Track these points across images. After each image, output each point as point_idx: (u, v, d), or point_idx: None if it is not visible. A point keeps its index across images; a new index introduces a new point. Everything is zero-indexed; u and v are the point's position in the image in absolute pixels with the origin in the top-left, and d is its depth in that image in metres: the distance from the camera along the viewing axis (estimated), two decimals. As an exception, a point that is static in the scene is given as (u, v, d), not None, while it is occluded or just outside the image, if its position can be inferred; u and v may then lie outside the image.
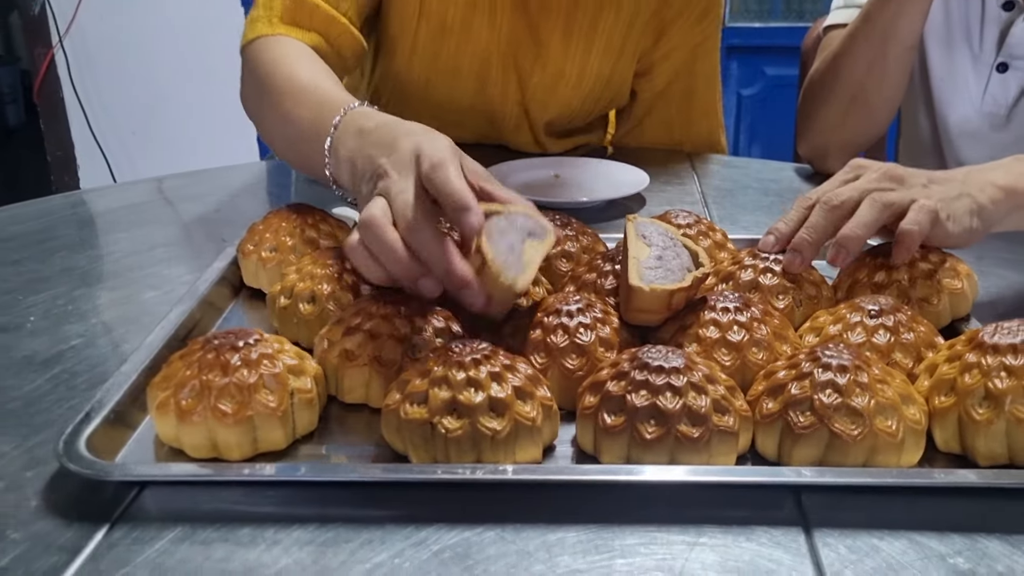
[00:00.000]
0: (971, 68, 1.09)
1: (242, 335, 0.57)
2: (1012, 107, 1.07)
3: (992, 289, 0.80)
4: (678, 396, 0.52)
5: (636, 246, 0.64)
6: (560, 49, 1.14)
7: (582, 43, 1.14)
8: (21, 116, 4.87)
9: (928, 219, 0.67)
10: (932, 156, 1.17)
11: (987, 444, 0.52)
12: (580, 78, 1.16)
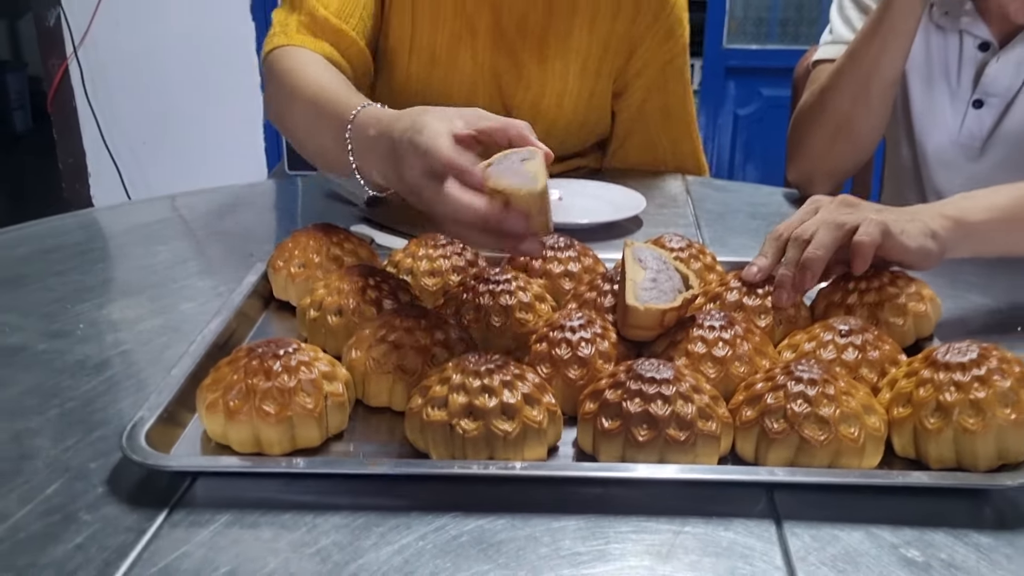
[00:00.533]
0: (949, 103, 1.16)
1: (282, 344, 0.64)
2: (986, 140, 1.15)
3: (960, 311, 0.87)
4: (668, 404, 0.59)
5: (633, 269, 0.72)
6: (538, 72, 1.23)
7: (558, 64, 1.24)
8: (28, 122, 4.94)
9: (878, 230, 0.74)
10: (913, 183, 1.25)
11: (937, 450, 0.59)
12: (561, 98, 1.24)
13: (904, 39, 1.06)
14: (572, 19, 1.24)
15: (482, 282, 0.76)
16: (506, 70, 1.24)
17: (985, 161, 1.15)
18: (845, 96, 1.11)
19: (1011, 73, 1.10)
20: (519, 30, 1.23)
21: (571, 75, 1.25)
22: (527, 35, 1.23)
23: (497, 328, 0.74)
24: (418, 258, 0.84)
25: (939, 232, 0.79)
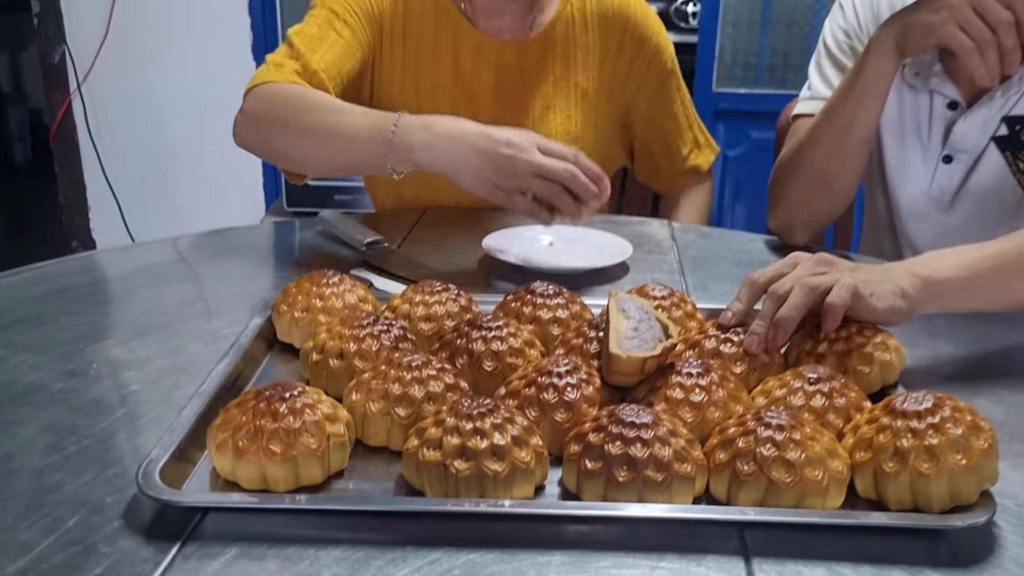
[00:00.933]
0: (920, 158, 1.22)
1: (288, 387, 0.69)
2: (956, 193, 1.21)
3: (930, 359, 0.92)
4: (646, 447, 0.64)
5: (616, 318, 0.77)
6: (542, 124, 1.33)
7: (559, 116, 1.34)
8: (28, 154, 5.00)
9: (849, 293, 0.79)
10: (888, 232, 1.31)
11: (895, 492, 0.64)
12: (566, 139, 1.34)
13: (877, 98, 1.13)
14: (567, 70, 1.34)
15: (475, 328, 0.81)
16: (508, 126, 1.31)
17: (955, 214, 1.21)
18: (822, 151, 1.17)
19: (978, 131, 1.16)
20: (517, 89, 1.32)
21: (574, 122, 1.34)
22: (524, 92, 1.31)
23: (489, 372, 0.78)
24: (415, 304, 0.89)
25: (908, 291, 0.84)
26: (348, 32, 1.27)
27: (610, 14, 1.37)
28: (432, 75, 1.35)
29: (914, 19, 1.06)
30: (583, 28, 1.37)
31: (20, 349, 0.89)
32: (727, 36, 2.73)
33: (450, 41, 1.34)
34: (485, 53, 1.34)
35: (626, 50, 1.38)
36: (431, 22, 1.34)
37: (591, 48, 1.37)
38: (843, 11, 1.27)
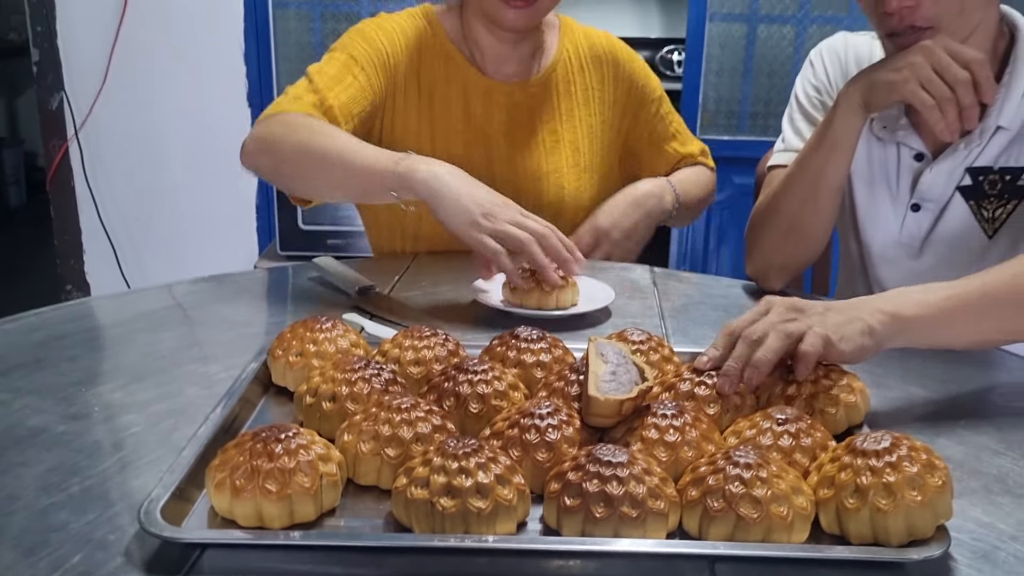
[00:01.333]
0: (890, 206, 1.28)
1: (283, 429, 0.72)
2: (924, 240, 1.26)
3: (898, 400, 0.96)
4: (622, 484, 0.68)
5: (595, 363, 0.81)
6: (552, 159, 1.45)
7: (568, 150, 1.47)
8: (22, 197, 5.05)
9: (821, 342, 0.84)
10: (861, 276, 1.36)
11: (856, 527, 0.68)
12: (578, 178, 1.47)
13: (847, 151, 1.18)
14: (571, 107, 1.47)
15: (462, 371, 0.85)
16: (520, 164, 1.43)
17: (925, 259, 1.26)
18: (795, 200, 1.23)
19: (943, 181, 1.22)
20: (527, 126, 1.44)
21: (582, 153, 1.47)
22: (534, 128, 1.44)
23: (475, 414, 0.82)
24: (404, 348, 0.93)
25: (876, 327, 0.88)
26: (364, 77, 1.35)
27: (601, 54, 1.51)
28: (446, 119, 1.43)
29: (879, 77, 1.12)
30: (580, 69, 1.49)
31: (23, 393, 0.93)
32: (710, 85, 2.81)
33: (460, 87, 1.44)
34: (495, 96, 1.44)
35: (620, 85, 1.51)
36: (442, 72, 1.44)
37: (589, 85, 1.49)
38: (813, 68, 1.34)
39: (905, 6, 1.10)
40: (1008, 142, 1.18)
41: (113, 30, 2.78)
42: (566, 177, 1.46)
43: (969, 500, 0.77)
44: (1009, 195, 1.19)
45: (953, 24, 1.10)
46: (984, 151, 1.19)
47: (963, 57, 1.07)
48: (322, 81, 1.31)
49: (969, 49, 1.08)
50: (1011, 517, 0.74)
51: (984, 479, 0.80)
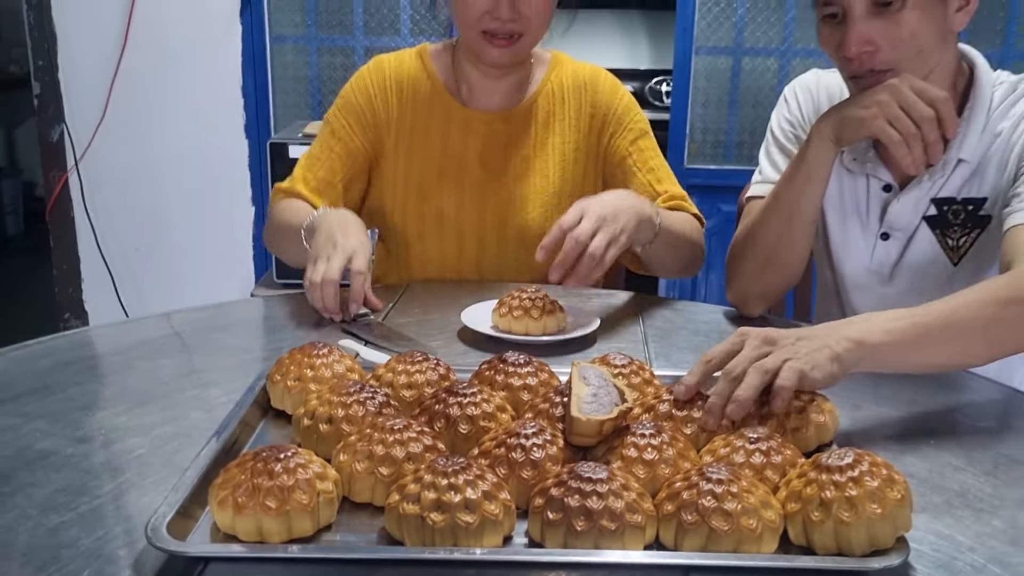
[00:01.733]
0: (861, 235, 1.33)
1: (282, 449, 0.77)
2: (894, 267, 1.32)
3: (869, 420, 1.01)
4: (601, 499, 0.72)
5: (578, 385, 0.86)
6: (523, 186, 1.50)
7: (539, 180, 1.51)
8: (20, 226, 5.09)
9: (796, 376, 0.88)
10: (835, 302, 1.41)
11: (821, 538, 0.72)
12: (546, 206, 1.51)
13: (819, 182, 1.24)
14: (546, 136, 1.52)
15: (452, 394, 0.89)
16: (489, 190, 1.49)
17: (894, 285, 1.31)
18: (771, 230, 1.28)
19: (910, 211, 1.27)
20: (500, 153, 1.50)
21: (550, 180, 1.51)
22: (507, 155, 1.50)
23: (464, 434, 0.87)
24: (397, 372, 0.98)
25: (842, 354, 0.93)
26: (340, 146, 1.52)
27: (583, 83, 1.56)
28: (423, 150, 1.52)
29: (848, 113, 1.18)
30: (561, 99, 1.55)
31: (32, 418, 0.97)
32: (697, 115, 2.88)
33: (442, 118, 1.53)
34: (473, 125, 1.52)
35: (597, 111, 1.54)
36: (424, 107, 1.53)
37: (568, 115, 1.54)
38: (788, 104, 1.40)
39: (864, 51, 1.17)
40: (970, 174, 1.24)
41: (113, 64, 2.84)
42: (531, 203, 1.51)
43: (931, 514, 0.81)
44: (972, 224, 1.25)
45: (911, 67, 1.17)
46: (947, 182, 1.25)
47: (928, 95, 1.12)
48: (305, 163, 1.53)
49: (933, 87, 1.14)
50: (969, 529, 0.79)
51: (946, 494, 0.85)
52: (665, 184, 1.51)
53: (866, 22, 1.16)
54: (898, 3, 1.14)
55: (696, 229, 1.48)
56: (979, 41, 2.76)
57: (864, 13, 1.16)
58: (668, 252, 1.39)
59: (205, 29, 2.82)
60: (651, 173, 1.52)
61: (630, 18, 3.54)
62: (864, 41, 1.16)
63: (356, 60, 2.92)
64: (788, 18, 2.72)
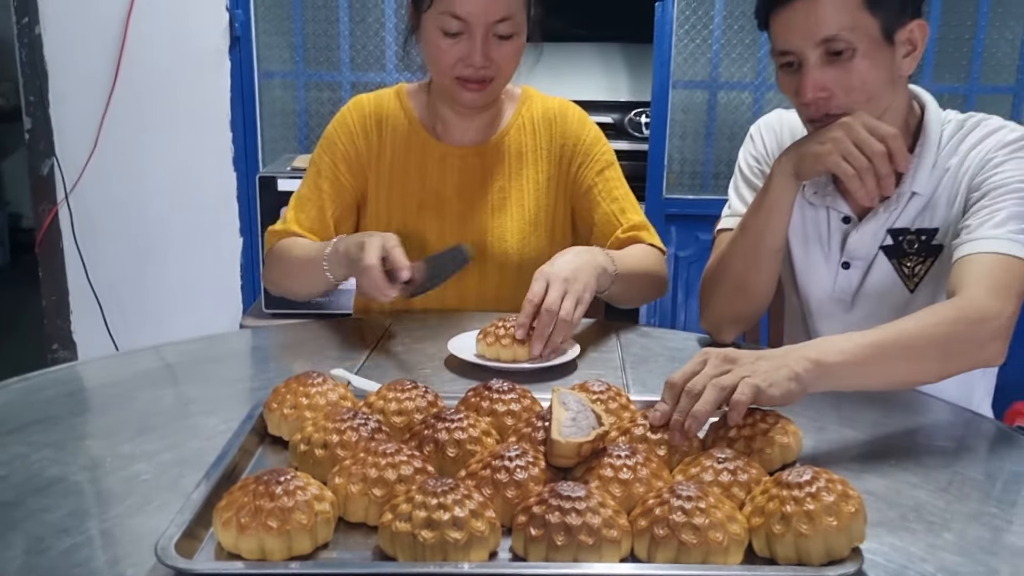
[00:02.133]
0: (824, 264, 1.41)
1: (282, 473, 0.82)
2: (855, 294, 1.39)
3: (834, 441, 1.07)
4: (580, 516, 0.78)
5: (558, 410, 0.92)
6: (501, 217, 1.57)
7: (516, 209, 1.58)
8: (7, 257, 5.12)
9: (751, 391, 0.95)
10: (802, 327, 1.48)
11: (783, 549, 0.78)
12: (525, 234, 1.58)
13: (783, 215, 1.31)
14: (521, 167, 1.59)
15: (440, 420, 0.95)
16: (468, 221, 1.56)
17: (856, 312, 1.38)
18: (739, 260, 1.35)
19: (868, 241, 1.35)
20: (477, 186, 1.58)
21: (527, 210, 1.58)
22: (484, 188, 1.58)
23: (452, 458, 0.92)
24: (388, 400, 1.03)
25: (801, 373, 0.99)
26: (328, 185, 1.59)
27: (552, 116, 1.64)
28: (403, 185, 1.60)
29: (806, 149, 1.26)
30: (532, 132, 1.63)
31: (39, 446, 1.02)
32: (675, 147, 2.97)
33: (419, 156, 1.60)
34: (449, 160, 1.60)
35: (567, 141, 1.62)
36: (403, 144, 1.60)
37: (539, 146, 1.62)
38: (753, 142, 1.48)
39: (819, 97, 1.25)
40: (923, 206, 1.33)
41: (104, 98, 2.89)
42: (510, 232, 1.58)
43: (887, 527, 0.87)
44: (926, 253, 1.33)
45: (863, 111, 1.25)
46: (902, 214, 1.33)
47: (879, 132, 1.20)
48: (296, 204, 1.59)
49: (884, 124, 1.21)
50: (922, 541, 0.85)
51: (902, 509, 0.91)
52: (628, 213, 1.59)
53: (820, 70, 1.24)
54: (848, 53, 1.22)
55: (654, 259, 1.55)
56: (945, 76, 2.88)
57: (818, 62, 1.24)
58: (626, 290, 1.46)
59: (195, 65, 2.89)
60: (615, 203, 1.59)
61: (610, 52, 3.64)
62: (819, 88, 1.25)
63: (343, 95, 2.99)
64: (761, 53, 2.81)
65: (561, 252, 1.36)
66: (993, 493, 0.95)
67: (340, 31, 2.94)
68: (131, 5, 2.84)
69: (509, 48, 1.47)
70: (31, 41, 2.89)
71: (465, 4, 1.41)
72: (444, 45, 1.45)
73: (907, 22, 1.25)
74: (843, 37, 1.22)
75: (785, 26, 1.26)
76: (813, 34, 1.23)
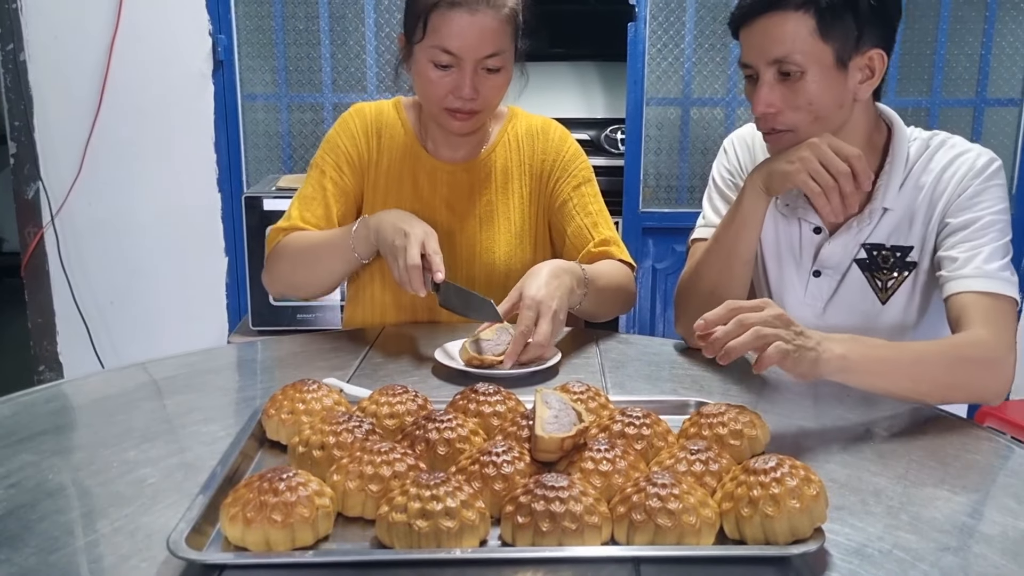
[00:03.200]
0: (795, 273, 1.48)
1: (285, 471, 0.88)
2: (827, 302, 1.46)
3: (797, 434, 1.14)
4: (563, 504, 0.84)
5: (541, 409, 0.98)
6: (488, 231, 1.65)
7: (503, 222, 1.66)
8: (-12, 280, 5.11)
9: (779, 356, 1.05)
10: None
11: (751, 531, 0.84)
12: (510, 246, 1.65)
13: (754, 227, 1.38)
14: (506, 182, 1.66)
15: (431, 421, 1.01)
16: (458, 233, 1.63)
17: (827, 319, 1.46)
18: (713, 269, 1.42)
19: (840, 253, 1.43)
20: (466, 200, 1.65)
21: (512, 222, 1.65)
22: (472, 202, 1.65)
23: (442, 456, 0.98)
24: (380, 404, 1.09)
25: (824, 362, 1.10)
26: (332, 185, 1.65)
27: (535, 132, 1.71)
28: (398, 193, 1.66)
29: (776, 167, 1.33)
30: (517, 149, 1.70)
31: (48, 454, 1.07)
32: (650, 162, 3.05)
33: (411, 167, 1.67)
34: (439, 175, 1.67)
35: (548, 156, 1.69)
36: (398, 155, 1.67)
37: (524, 162, 1.69)
38: (727, 154, 1.56)
39: (767, 112, 1.34)
40: (896, 222, 1.41)
41: (89, 122, 2.94)
42: (497, 243, 1.65)
43: (848, 511, 0.94)
44: (900, 268, 1.42)
45: (810, 129, 1.33)
46: (876, 229, 1.41)
47: (844, 152, 1.28)
48: (301, 204, 1.64)
49: (848, 146, 1.29)
50: (880, 523, 0.92)
51: (862, 494, 0.98)
52: (601, 228, 1.65)
53: (770, 87, 1.33)
54: (797, 74, 1.31)
55: (623, 274, 1.62)
56: (909, 90, 2.98)
57: (770, 79, 1.33)
58: (597, 305, 1.53)
59: (179, 89, 2.94)
60: (588, 217, 1.66)
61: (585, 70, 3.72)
62: (767, 103, 1.33)
63: (325, 116, 3.05)
64: (731, 71, 2.90)
65: (540, 265, 1.42)
66: (946, 479, 1.02)
67: (322, 54, 3.01)
68: (115, 30, 2.89)
69: (496, 81, 1.54)
70: (16, 67, 2.93)
71: (456, 40, 1.47)
72: (434, 77, 1.51)
73: (866, 50, 1.33)
74: (793, 60, 1.30)
75: (747, 41, 1.35)
76: (767, 53, 1.32)
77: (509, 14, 1.50)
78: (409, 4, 1.54)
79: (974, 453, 1.10)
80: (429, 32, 1.48)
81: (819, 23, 1.29)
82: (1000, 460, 1.09)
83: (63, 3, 2.88)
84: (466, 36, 1.47)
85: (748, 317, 1.06)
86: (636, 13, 2.88)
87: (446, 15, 1.47)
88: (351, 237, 1.49)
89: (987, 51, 2.96)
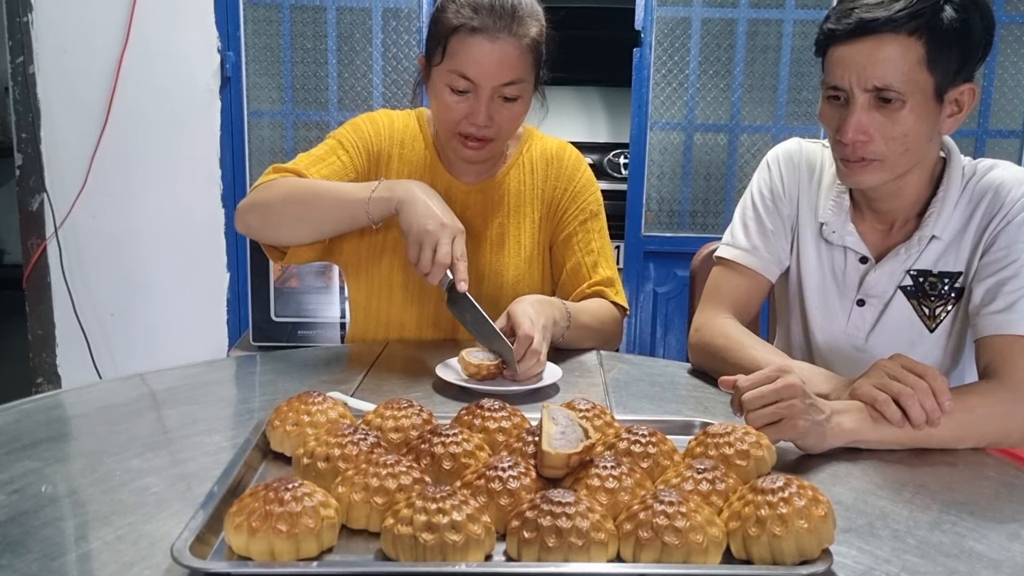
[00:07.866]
0: (838, 302, 1.45)
1: (290, 481, 0.87)
2: (869, 332, 1.44)
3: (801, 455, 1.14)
4: (570, 520, 0.83)
5: (547, 424, 0.98)
6: (496, 257, 1.63)
7: (513, 246, 1.64)
8: (-13, 292, 5.11)
9: (789, 435, 1.08)
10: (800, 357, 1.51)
11: (758, 551, 0.84)
12: (517, 271, 1.64)
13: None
14: (519, 206, 1.66)
15: (436, 435, 1.01)
16: (470, 254, 1.58)
17: (868, 350, 1.44)
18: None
19: (885, 281, 1.41)
20: (479, 221, 1.64)
21: (522, 246, 1.65)
22: (484, 224, 1.64)
23: (447, 470, 0.98)
24: (385, 417, 1.09)
25: (830, 440, 1.11)
26: (347, 158, 1.61)
27: (550, 156, 1.71)
28: None
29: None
30: (531, 172, 1.70)
31: (52, 462, 1.06)
32: (653, 186, 3.06)
33: (428, 182, 1.61)
34: (454, 193, 1.65)
35: (560, 183, 1.68)
36: (418, 167, 1.66)
37: (537, 185, 1.69)
38: (770, 171, 1.51)
39: (858, 139, 1.27)
40: (944, 249, 1.37)
41: (95, 136, 2.96)
42: (507, 267, 1.64)
43: (855, 533, 0.94)
44: (948, 295, 1.38)
45: (899, 161, 1.29)
46: (922, 256, 1.38)
47: (917, 370, 1.17)
48: (307, 159, 1.58)
49: (920, 363, 1.18)
50: (887, 545, 0.91)
51: (868, 517, 0.97)
52: (600, 268, 1.66)
53: (866, 112, 1.26)
54: (898, 103, 1.24)
55: (609, 315, 1.63)
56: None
57: (865, 104, 1.25)
58: (580, 338, 1.56)
59: (186, 104, 2.96)
60: (590, 255, 1.66)
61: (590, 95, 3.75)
62: (861, 130, 1.26)
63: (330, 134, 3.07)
64: (735, 97, 2.92)
65: (523, 298, 1.44)
66: (953, 504, 1.02)
67: (328, 72, 3.03)
68: (125, 46, 2.91)
69: (513, 110, 1.53)
70: (25, 79, 2.95)
71: (474, 66, 1.47)
72: (451, 101, 1.51)
73: (960, 84, 1.27)
74: (896, 88, 1.23)
75: (842, 62, 1.26)
76: (868, 78, 1.24)
77: (530, 43, 1.49)
78: (431, 25, 1.54)
79: (981, 479, 1.10)
80: (448, 56, 1.48)
81: (928, 51, 1.22)
82: (1006, 486, 1.09)
83: (73, 17, 2.91)
84: (484, 63, 1.46)
85: (764, 392, 1.08)
86: (642, 39, 2.90)
87: (466, 40, 1.46)
88: (369, 193, 1.44)
89: (989, 83, 2.99)
